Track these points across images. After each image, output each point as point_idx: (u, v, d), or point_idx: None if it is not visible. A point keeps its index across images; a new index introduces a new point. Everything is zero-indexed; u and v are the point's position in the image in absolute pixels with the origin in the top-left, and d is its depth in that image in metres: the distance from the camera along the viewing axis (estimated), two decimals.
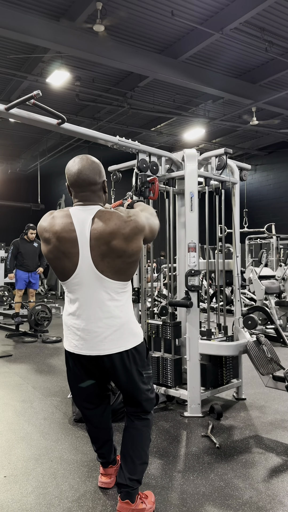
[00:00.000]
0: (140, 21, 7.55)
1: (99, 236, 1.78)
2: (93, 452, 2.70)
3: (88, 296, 1.85)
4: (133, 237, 1.80)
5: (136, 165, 3.42)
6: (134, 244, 1.81)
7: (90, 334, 1.87)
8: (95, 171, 1.90)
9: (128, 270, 1.86)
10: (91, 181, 1.89)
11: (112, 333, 1.87)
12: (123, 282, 1.88)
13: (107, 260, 1.80)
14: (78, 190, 1.91)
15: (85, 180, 1.88)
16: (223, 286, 3.93)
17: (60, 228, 1.82)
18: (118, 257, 1.80)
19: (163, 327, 3.54)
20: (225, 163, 3.50)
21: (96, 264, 1.80)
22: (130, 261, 1.84)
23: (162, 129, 13.43)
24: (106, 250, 1.79)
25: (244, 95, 10.03)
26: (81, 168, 1.88)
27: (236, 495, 2.22)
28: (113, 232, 1.77)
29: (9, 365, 5.01)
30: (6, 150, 15.92)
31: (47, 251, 1.88)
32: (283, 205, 15.32)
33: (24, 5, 7.00)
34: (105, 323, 1.86)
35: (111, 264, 1.81)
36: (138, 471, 2.00)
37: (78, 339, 1.91)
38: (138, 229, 1.82)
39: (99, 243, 1.78)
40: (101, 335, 1.86)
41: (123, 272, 1.85)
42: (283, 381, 3.09)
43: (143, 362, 2.00)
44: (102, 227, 1.79)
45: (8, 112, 2.66)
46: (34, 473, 2.45)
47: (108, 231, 1.78)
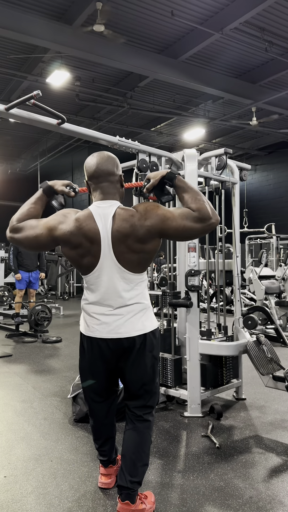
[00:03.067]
0: (140, 21, 7.55)
1: (118, 235, 1.90)
2: (93, 452, 2.70)
3: (109, 287, 1.96)
4: (147, 239, 1.91)
5: (136, 165, 3.42)
6: (150, 244, 1.93)
7: (112, 318, 1.98)
8: (113, 163, 2.02)
9: (146, 264, 2.01)
10: (110, 171, 2.00)
11: (132, 317, 1.98)
12: (141, 274, 2.01)
13: (127, 256, 1.93)
14: (97, 182, 2.00)
15: (104, 170, 1.98)
16: (223, 286, 3.93)
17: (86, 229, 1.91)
18: (136, 253, 1.93)
19: (163, 297, 3.57)
20: (225, 163, 3.50)
21: (118, 259, 1.92)
22: (147, 257, 1.98)
23: (162, 129, 13.43)
24: (125, 248, 1.92)
25: (244, 95, 10.03)
26: (99, 160, 2.00)
27: (236, 495, 2.22)
28: (129, 234, 1.90)
29: (9, 365, 5.01)
30: (6, 150, 15.92)
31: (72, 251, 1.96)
32: (283, 205, 15.32)
33: (24, 5, 7.01)
34: (125, 310, 1.98)
35: (130, 260, 1.94)
36: (139, 473, 2.03)
37: (99, 323, 2.00)
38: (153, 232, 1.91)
39: (119, 242, 1.91)
40: (122, 319, 1.97)
41: (141, 266, 1.99)
42: (283, 381, 3.09)
43: (157, 350, 2.09)
44: (120, 227, 1.90)
45: (8, 112, 2.66)
46: (34, 473, 2.45)
47: (125, 232, 1.90)
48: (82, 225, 1.92)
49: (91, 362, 2.09)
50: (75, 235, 1.92)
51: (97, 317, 2.01)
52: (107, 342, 1.99)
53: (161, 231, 1.91)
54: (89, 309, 2.05)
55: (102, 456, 2.29)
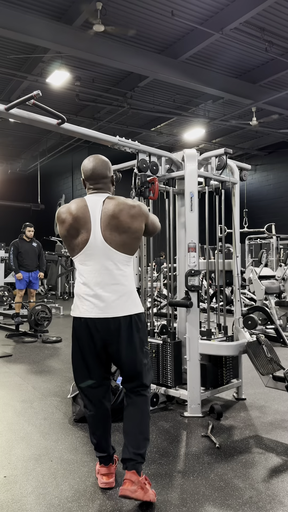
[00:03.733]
0: (140, 21, 7.55)
1: (109, 212, 2.16)
2: (93, 452, 2.70)
3: (98, 265, 2.17)
4: (137, 217, 2.20)
5: (136, 165, 3.42)
6: (137, 223, 2.19)
7: (100, 299, 2.16)
8: (106, 167, 2.32)
9: (132, 245, 2.21)
10: (104, 174, 2.31)
11: (118, 298, 2.16)
12: (127, 255, 2.21)
13: (114, 234, 2.16)
14: (92, 182, 2.30)
15: (99, 174, 2.29)
16: (223, 286, 3.93)
17: (75, 209, 2.20)
18: (124, 232, 2.17)
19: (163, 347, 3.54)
20: (225, 163, 3.50)
21: (105, 238, 2.15)
22: (133, 237, 2.21)
23: (162, 129, 13.43)
24: (114, 224, 2.15)
25: (244, 95, 10.03)
26: (95, 165, 2.29)
27: (236, 495, 2.22)
28: (121, 210, 2.17)
29: (9, 365, 5.01)
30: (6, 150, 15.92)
31: (64, 229, 2.20)
32: (283, 205, 15.32)
33: (24, 5, 7.01)
34: (113, 289, 2.16)
35: (117, 238, 2.16)
36: (141, 445, 2.15)
37: (88, 304, 2.17)
38: (142, 213, 2.22)
39: (108, 219, 2.16)
40: (109, 299, 2.15)
41: (128, 246, 2.20)
42: (283, 381, 3.09)
43: (144, 332, 2.26)
44: (112, 206, 2.18)
45: (8, 112, 2.67)
46: (34, 473, 2.45)
47: (117, 209, 2.17)
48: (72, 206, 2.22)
49: (82, 343, 2.21)
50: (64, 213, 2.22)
51: (87, 298, 2.17)
52: (96, 322, 2.14)
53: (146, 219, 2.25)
54: (79, 290, 2.21)
55: (101, 452, 2.31)
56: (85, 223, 2.16)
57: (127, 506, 2.12)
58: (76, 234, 2.18)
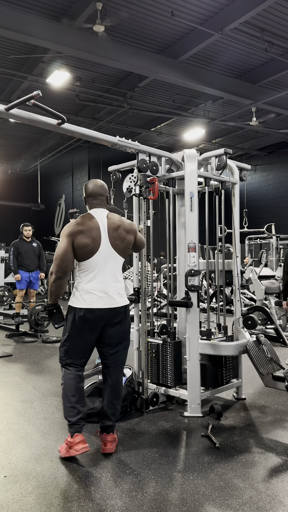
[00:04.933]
0: (140, 21, 7.55)
1: (114, 225, 2.76)
2: (93, 452, 2.71)
3: (105, 267, 2.71)
4: (130, 231, 2.86)
5: (136, 165, 3.42)
6: (130, 236, 2.85)
7: (105, 293, 2.69)
8: (104, 189, 2.91)
9: (127, 251, 2.88)
10: (102, 194, 2.89)
11: (118, 292, 2.75)
12: (123, 259, 2.84)
13: (116, 243, 2.76)
14: (94, 200, 2.87)
15: (98, 193, 2.87)
16: (223, 286, 3.93)
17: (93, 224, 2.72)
18: (122, 241, 2.79)
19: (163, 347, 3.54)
20: (225, 163, 3.50)
21: (112, 244, 2.74)
22: (127, 247, 2.87)
23: (162, 129, 13.43)
24: (117, 235, 2.77)
25: (244, 95, 10.03)
26: (95, 187, 2.88)
27: (236, 495, 2.22)
28: (121, 224, 2.80)
29: (9, 365, 5.01)
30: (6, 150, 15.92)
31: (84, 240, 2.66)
32: (283, 205, 15.32)
33: (24, 5, 7.01)
34: (114, 286, 2.74)
35: (118, 246, 2.77)
36: (118, 413, 2.83)
37: (96, 297, 2.67)
38: (133, 229, 2.90)
39: (112, 231, 2.75)
40: (109, 294, 2.70)
41: (125, 252, 2.85)
42: (283, 381, 3.10)
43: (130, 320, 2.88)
44: (113, 221, 2.79)
45: (8, 112, 2.67)
46: (34, 473, 2.46)
47: (119, 223, 2.80)
48: (86, 221, 2.72)
49: (85, 330, 2.68)
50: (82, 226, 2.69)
51: (95, 293, 2.67)
52: (101, 311, 2.66)
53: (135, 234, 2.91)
54: (87, 287, 2.68)
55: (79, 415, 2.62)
56: (97, 234, 2.70)
57: (132, 503, 2.12)
58: (92, 241, 2.67)
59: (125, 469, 2.50)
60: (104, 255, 2.69)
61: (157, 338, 3.63)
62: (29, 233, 7.35)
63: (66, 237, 2.66)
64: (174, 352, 3.48)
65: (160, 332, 3.59)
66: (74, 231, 2.66)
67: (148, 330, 3.60)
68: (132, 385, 3.47)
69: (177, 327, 3.75)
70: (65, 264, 2.65)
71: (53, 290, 2.76)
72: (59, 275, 2.68)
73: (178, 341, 3.56)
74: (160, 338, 3.60)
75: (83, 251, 2.66)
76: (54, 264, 2.68)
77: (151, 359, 3.60)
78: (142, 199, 3.49)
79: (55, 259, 2.67)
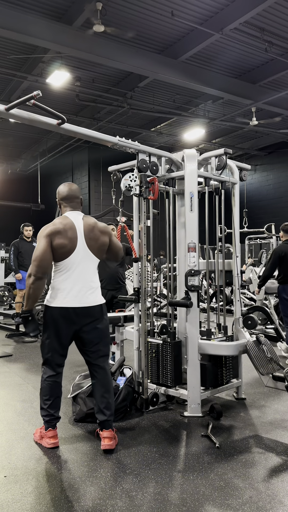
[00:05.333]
0: (140, 21, 7.55)
1: (88, 227, 2.85)
2: (93, 452, 2.71)
3: (80, 267, 2.80)
4: (104, 233, 2.93)
5: (136, 165, 3.43)
6: (104, 237, 2.92)
7: (81, 292, 2.78)
8: (78, 191, 3.01)
9: (102, 252, 2.94)
10: (77, 196, 2.98)
11: (93, 292, 2.85)
12: (98, 260, 2.92)
13: (91, 243, 2.84)
14: (68, 202, 2.94)
15: (73, 196, 2.95)
16: (223, 286, 3.93)
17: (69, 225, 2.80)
18: (96, 242, 2.87)
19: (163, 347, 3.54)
20: (225, 163, 3.50)
21: (87, 245, 2.82)
22: (102, 248, 2.93)
23: (162, 129, 13.43)
24: (93, 235, 2.85)
25: (244, 95, 10.02)
26: (69, 191, 2.95)
27: (236, 495, 2.22)
28: (95, 226, 2.89)
29: (9, 365, 5.01)
30: (6, 150, 15.91)
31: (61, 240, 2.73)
32: (283, 205, 15.32)
33: (24, 5, 7.00)
34: (90, 285, 2.83)
35: (94, 246, 2.85)
36: (112, 407, 2.83)
37: (71, 296, 2.76)
38: (107, 231, 2.96)
39: (87, 232, 2.84)
40: (87, 292, 2.81)
41: (100, 253, 2.91)
42: (283, 381, 3.10)
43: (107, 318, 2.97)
44: (89, 223, 2.88)
45: (8, 112, 2.67)
46: (34, 473, 2.46)
47: (94, 224, 2.89)
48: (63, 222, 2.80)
49: (62, 328, 2.76)
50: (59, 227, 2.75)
51: (71, 292, 2.75)
52: (77, 310, 2.75)
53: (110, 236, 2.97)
54: (62, 285, 2.76)
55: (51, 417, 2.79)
56: (74, 234, 2.77)
57: (132, 503, 2.13)
58: (69, 242, 2.74)
59: (125, 469, 2.50)
60: (80, 255, 2.78)
61: (157, 338, 3.63)
62: (29, 233, 7.35)
63: (44, 238, 2.71)
64: (174, 352, 3.48)
65: (160, 332, 3.59)
66: (52, 232, 2.73)
67: (148, 330, 3.60)
68: (132, 385, 3.47)
69: (177, 327, 3.75)
70: (45, 264, 2.69)
71: (31, 292, 2.74)
72: (39, 275, 2.70)
73: (178, 341, 3.56)
74: (160, 338, 3.60)
75: (62, 251, 2.73)
76: (33, 265, 2.70)
77: (151, 359, 3.60)
78: (142, 199, 3.49)
79: (34, 260, 2.69)
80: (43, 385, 2.85)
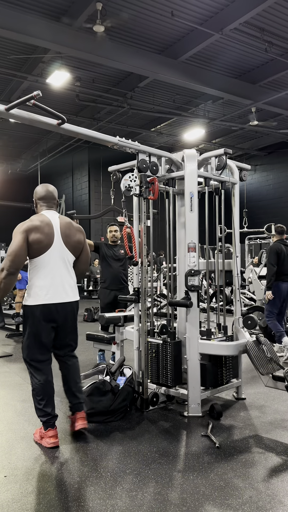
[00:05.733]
0: (140, 21, 7.55)
1: (64, 225, 2.96)
2: (93, 452, 2.71)
3: (58, 263, 2.88)
4: (80, 232, 3.05)
5: (136, 165, 3.43)
6: (79, 235, 3.04)
7: (61, 288, 2.86)
8: (55, 193, 3.10)
9: (78, 250, 3.03)
10: (54, 197, 3.08)
11: (71, 289, 2.94)
12: (74, 257, 3.00)
13: (67, 240, 2.94)
14: (45, 201, 3.04)
15: (50, 196, 3.05)
16: (223, 286, 3.93)
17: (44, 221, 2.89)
18: (72, 239, 2.97)
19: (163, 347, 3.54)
20: (225, 164, 3.50)
21: (63, 241, 2.92)
22: (79, 246, 3.04)
23: (162, 130, 13.44)
24: (68, 233, 2.95)
25: (243, 96, 10.03)
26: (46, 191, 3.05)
27: (236, 494, 2.22)
28: (71, 225, 3.02)
29: (9, 365, 5.01)
30: (6, 151, 15.92)
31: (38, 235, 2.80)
32: (283, 205, 15.33)
33: (24, 5, 7.01)
34: (67, 281, 2.92)
35: (70, 242, 2.95)
36: (81, 389, 3.04)
37: (52, 293, 2.83)
38: (82, 230, 3.09)
39: (65, 229, 2.94)
40: (65, 288, 2.89)
41: (76, 250, 3.01)
42: (283, 381, 3.10)
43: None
44: (65, 221, 3.01)
45: (8, 112, 2.67)
46: (34, 473, 2.46)
47: (69, 223, 3.01)
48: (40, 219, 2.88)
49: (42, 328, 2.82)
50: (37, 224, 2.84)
51: (49, 288, 2.82)
52: (57, 306, 2.84)
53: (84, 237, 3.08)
54: (41, 282, 2.82)
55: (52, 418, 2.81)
56: (51, 231, 2.86)
57: (132, 503, 2.13)
58: (46, 238, 2.82)
59: (125, 469, 2.50)
60: (57, 251, 2.86)
61: (157, 338, 3.63)
62: None
63: (21, 234, 2.76)
64: (174, 352, 3.48)
65: (160, 332, 3.59)
66: (29, 228, 2.79)
67: (148, 330, 3.60)
68: (132, 385, 3.47)
69: (177, 327, 3.75)
70: (19, 259, 2.74)
71: (2, 287, 2.76)
72: (12, 270, 2.73)
73: (178, 341, 3.56)
74: (160, 338, 3.60)
75: (38, 247, 2.80)
76: (7, 260, 2.73)
77: (151, 359, 3.60)
78: (142, 199, 3.49)
79: (9, 255, 2.73)
80: (35, 386, 2.86)
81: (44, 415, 2.82)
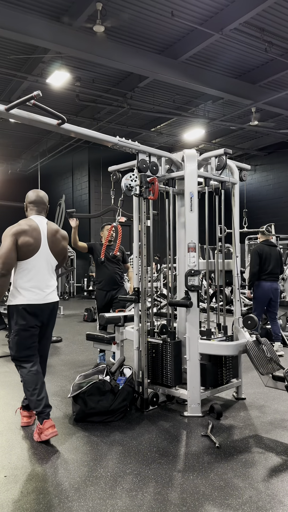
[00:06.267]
0: (140, 21, 7.56)
1: (52, 231, 3.11)
2: (93, 452, 2.71)
3: (42, 267, 3.04)
4: (65, 238, 3.24)
5: (136, 165, 3.43)
6: (64, 242, 3.22)
7: (43, 290, 3.03)
8: (45, 199, 3.22)
9: (60, 256, 3.19)
10: (44, 203, 3.21)
11: (52, 291, 3.11)
12: (56, 262, 3.17)
13: (53, 246, 3.09)
14: (35, 206, 3.16)
15: (40, 202, 3.18)
16: (223, 286, 3.93)
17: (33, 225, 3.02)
18: (57, 246, 3.14)
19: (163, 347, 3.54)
20: (225, 164, 3.50)
21: (49, 246, 3.07)
22: (63, 253, 3.22)
23: (162, 130, 13.44)
24: (55, 239, 3.11)
25: (243, 96, 10.03)
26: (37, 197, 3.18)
27: (236, 494, 2.22)
28: (58, 231, 3.16)
29: (9, 365, 5.01)
30: (6, 151, 15.92)
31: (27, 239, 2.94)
32: (283, 205, 15.33)
33: (24, 5, 7.01)
34: (50, 284, 3.10)
35: (55, 249, 3.11)
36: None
37: (35, 294, 2.99)
38: (66, 237, 3.26)
39: (51, 235, 3.09)
40: (48, 290, 3.06)
41: (59, 255, 3.17)
42: (283, 381, 3.10)
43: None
44: (52, 227, 3.14)
45: (8, 112, 2.67)
46: (34, 473, 2.46)
47: (56, 230, 3.16)
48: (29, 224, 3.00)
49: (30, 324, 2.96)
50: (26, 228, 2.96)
51: (34, 290, 2.98)
52: (41, 306, 3.00)
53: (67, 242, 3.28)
54: (26, 285, 2.97)
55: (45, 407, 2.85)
56: (38, 236, 3.00)
57: (132, 503, 2.13)
58: (33, 242, 2.96)
59: (125, 469, 2.50)
60: (43, 255, 3.02)
61: (157, 338, 3.63)
62: None
63: (10, 237, 2.89)
64: (174, 352, 3.48)
65: (160, 332, 3.59)
66: (18, 231, 2.92)
67: (148, 330, 3.60)
68: (132, 385, 3.47)
69: (177, 327, 3.75)
70: (10, 262, 2.87)
71: None
72: (4, 272, 2.85)
73: (178, 341, 3.56)
74: (160, 338, 3.60)
75: (27, 250, 2.94)
76: None
77: (151, 359, 3.60)
78: (142, 199, 3.49)
79: (0, 257, 2.84)
80: (26, 378, 2.95)
81: (38, 405, 2.87)
